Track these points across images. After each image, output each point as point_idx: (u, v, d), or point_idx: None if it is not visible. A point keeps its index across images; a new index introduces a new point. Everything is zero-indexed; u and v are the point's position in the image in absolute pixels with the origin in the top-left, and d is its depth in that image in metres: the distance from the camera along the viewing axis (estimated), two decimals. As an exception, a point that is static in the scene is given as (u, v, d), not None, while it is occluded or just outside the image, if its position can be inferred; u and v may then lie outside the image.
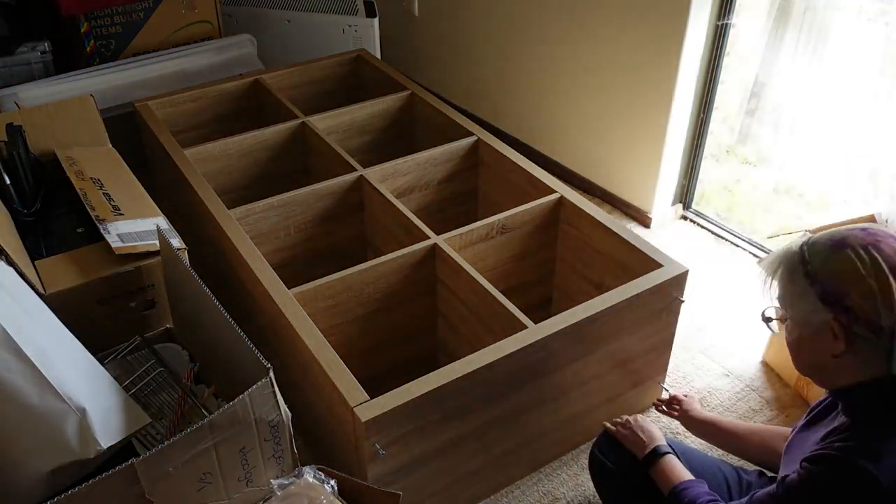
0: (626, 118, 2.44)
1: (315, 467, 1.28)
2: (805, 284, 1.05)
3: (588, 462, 1.51)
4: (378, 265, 1.68)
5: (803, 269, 1.06)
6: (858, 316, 1.01)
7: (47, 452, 1.18)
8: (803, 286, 1.05)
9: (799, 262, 1.07)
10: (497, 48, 2.85)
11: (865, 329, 1.01)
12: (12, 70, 2.42)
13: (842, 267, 1.02)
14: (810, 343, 1.08)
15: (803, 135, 2.55)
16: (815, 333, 1.06)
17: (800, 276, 1.06)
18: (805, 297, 1.05)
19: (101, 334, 1.57)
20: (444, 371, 1.40)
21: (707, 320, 2.13)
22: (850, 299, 1.01)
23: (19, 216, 1.74)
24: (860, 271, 1.01)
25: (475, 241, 1.81)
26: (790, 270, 1.08)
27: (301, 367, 1.54)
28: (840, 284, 1.02)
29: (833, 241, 1.05)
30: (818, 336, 1.06)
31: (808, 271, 1.05)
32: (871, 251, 1.02)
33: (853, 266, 1.02)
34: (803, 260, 1.06)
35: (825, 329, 1.04)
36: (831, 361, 1.06)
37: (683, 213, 2.58)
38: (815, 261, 1.05)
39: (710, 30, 2.22)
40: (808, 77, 2.42)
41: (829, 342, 1.05)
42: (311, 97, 2.59)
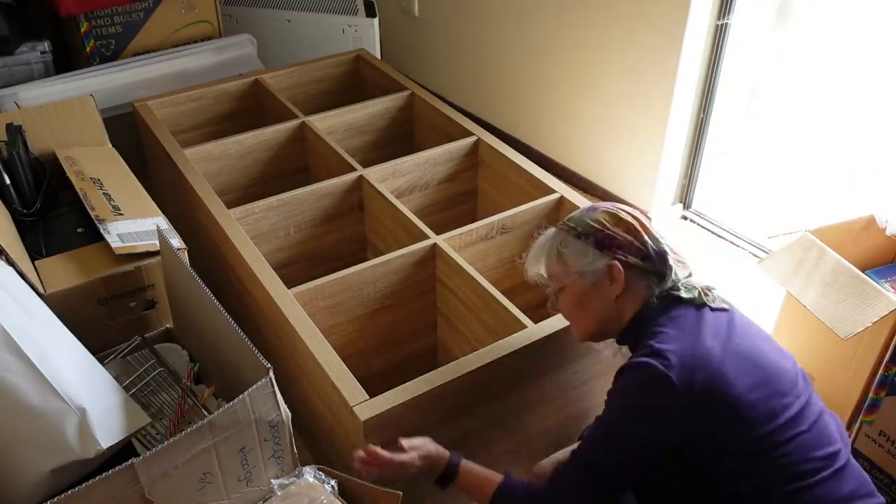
0: (626, 118, 2.44)
1: (315, 467, 1.28)
2: (580, 243, 1.24)
3: None
4: (378, 265, 1.68)
5: (573, 233, 1.26)
6: (630, 248, 1.22)
7: (47, 452, 1.18)
8: (578, 245, 1.24)
9: (566, 232, 1.27)
10: (497, 48, 2.85)
11: (637, 258, 1.22)
12: (12, 70, 2.42)
13: (601, 217, 1.24)
14: (592, 295, 1.25)
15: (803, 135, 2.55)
16: (597, 284, 1.24)
17: (572, 240, 1.25)
18: (582, 252, 1.24)
19: (101, 334, 1.57)
20: (444, 370, 1.40)
21: (707, 320, 2.13)
22: (618, 238, 1.22)
23: (19, 216, 1.74)
24: (617, 216, 1.24)
25: (475, 240, 1.81)
26: (559, 242, 1.27)
27: (300, 366, 1.54)
28: (606, 229, 1.23)
29: (585, 209, 1.28)
30: (599, 284, 1.24)
31: (579, 233, 1.25)
32: (616, 206, 1.27)
33: (609, 215, 1.25)
34: (569, 229, 1.27)
35: (605, 275, 1.23)
36: (613, 307, 1.24)
37: (683, 213, 2.58)
38: (579, 224, 1.26)
39: (710, 29, 2.22)
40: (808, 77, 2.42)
41: (607, 287, 1.23)
42: (311, 97, 2.59)
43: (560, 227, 1.29)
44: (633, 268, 1.22)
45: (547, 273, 1.31)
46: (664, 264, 1.23)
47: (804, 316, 1.78)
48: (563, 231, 1.28)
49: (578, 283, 1.26)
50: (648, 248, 1.22)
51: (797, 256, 1.79)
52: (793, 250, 1.80)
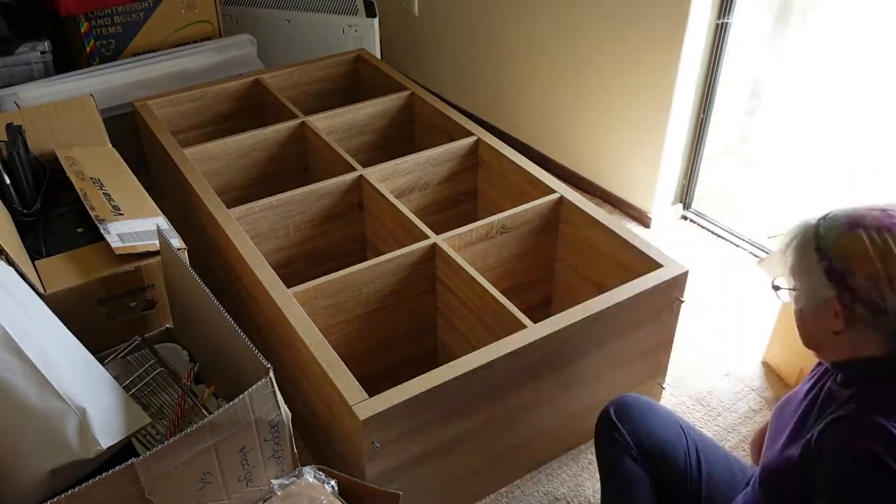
0: (626, 118, 2.44)
1: (315, 467, 1.28)
2: (815, 259, 1.06)
3: (597, 420, 1.42)
4: (377, 265, 1.69)
5: (815, 243, 1.07)
6: (861, 297, 1.02)
7: (47, 452, 1.18)
8: (813, 260, 1.07)
9: (812, 236, 1.08)
10: (497, 48, 2.85)
11: (866, 310, 1.02)
12: (12, 70, 2.42)
13: (852, 246, 1.03)
14: (812, 317, 1.10)
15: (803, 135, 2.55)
16: (818, 308, 1.08)
17: (811, 250, 1.07)
18: (813, 271, 1.07)
19: (101, 334, 1.57)
20: (444, 370, 1.40)
21: (707, 320, 2.13)
22: (854, 280, 1.02)
23: (19, 216, 1.74)
24: (869, 253, 1.01)
25: (475, 240, 1.81)
26: (803, 243, 1.09)
27: (300, 366, 1.54)
28: (847, 264, 1.03)
29: (849, 220, 1.05)
30: (821, 311, 1.08)
31: (820, 246, 1.06)
32: (883, 234, 1.02)
33: (863, 247, 1.02)
34: (817, 234, 1.07)
35: (828, 306, 1.06)
36: (831, 337, 1.08)
37: (683, 213, 2.58)
38: (827, 237, 1.06)
39: (710, 29, 2.22)
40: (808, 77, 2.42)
41: (830, 319, 1.06)
42: (311, 97, 2.60)
43: (815, 225, 1.10)
44: (858, 315, 1.04)
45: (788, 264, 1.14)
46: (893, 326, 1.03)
47: None
48: (810, 235, 1.09)
49: (801, 296, 1.11)
50: (884, 306, 1.01)
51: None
52: (793, 250, 1.80)
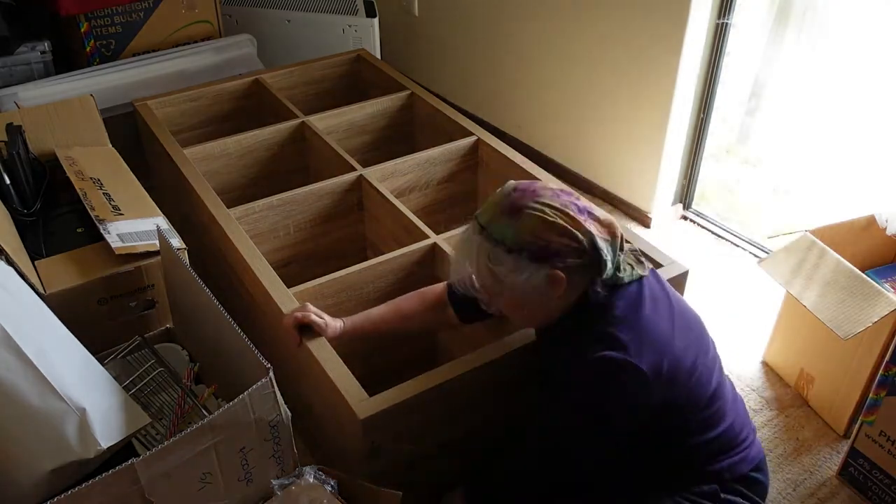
0: (626, 118, 2.44)
1: (315, 467, 1.28)
2: (512, 259, 1.15)
3: None
4: (378, 264, 1.68)
5: (503, 248, 1.15)
6: (566, 253, 1.15)
7: (47, 452, 1.18)
8: (512, 260, 1.15)
9: (493, 246, 1.16)
10: (497, 48, 2.85)
11: (575, 258, 1.15)
12: (12, 70, 2.42)
13: (532, 225, 1.14)
14: (534, 300, 1.20)
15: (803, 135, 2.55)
16: (541, 290, 1.17)
17: (501, 254, 1.16)
18: (518, 267, 1.15)
19: (101, 334, 1.57)
20: (444, 369, 1.40)
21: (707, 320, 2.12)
22: (553, 244, 1.14)
23: (19, 216, 1.74)
24: (546, 219, 1.14)
25: (475, 240, 1.81)
26: (491, 255, 1.17)
27: (300, 366, 1.54)
28: (539, 237, 1.14)
29: (506, 212, 1.16)
30: (544, 291, 1.17)
31: (509, 248, 1.15)
32: (539, 201, 1.15)
33: (538, 219, 1.14)
34: (494, 240, 1.16)
35: (548, 282, 1.16)
36: (555, 304, 1.20)
37: (683, 213, 2.58)
38: (506, 235, 1.15)
39: (710, 29, 2.22)
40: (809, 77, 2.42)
41: (552, 290, 1.17)
42: (311, 97, 2.59)
43: (484, 237, 1.18)
44: (573, 268, 1.16)
45: (479, 284, 1.24)
46: (598, 253, 1.16)
47: (804, 316, 1.78)
48: (487, 242, 1.17)
49: (515, 293, 1.20)
50: (584, 244, 1.15)
51: (797, 256, 1.80)
52: (793, 250, 1.80)
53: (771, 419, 1.87)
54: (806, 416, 1.89)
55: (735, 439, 1.29)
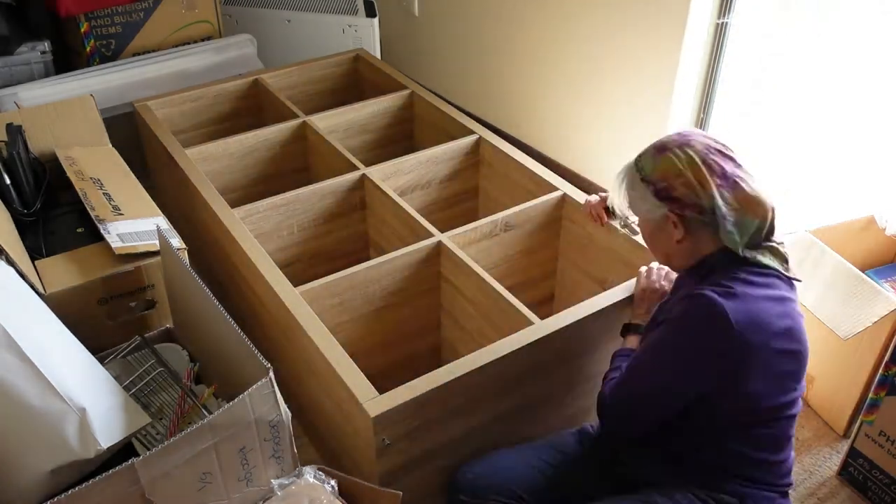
0: (626, 118, 2.44)
1: (315, 467, 1.28)
2: (643, 188, 1.27)
3: None
4: (384, 263, 1.69)
5: (639, 175, 1.28)
6: (686, 203, 1.22)
7: (47, 452, 1.18)
8: (642, 189, 1.27)
9: (635, 171, 1.29)
10: (497, 48, 2.85)
11: (694, 212, 1.22)
12: (12, 70, 2.42)
13: (664, 166, 1.25)
14: (658, 235, 1.29)
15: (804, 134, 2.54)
16: (659, 226, 1.28)
17: (637, 182, 1.28)
18: (644, 198, 1.27)
19: (101, 334, 1.57)
20: (453, 366, 1.41)
21: (707, 320, 2.13)
22: (675, 191, 1.23)
23: (19, 216, 1.74)
24: (678, 166, 1.23)
25: (479, 238, 1.81)
26: (630, 179, 1.30)
27: (308, 364, 1.54)
28: (666, 180, 1.24)
29: (655, 149, 1.28)
30: (662, 228, 1.27)
31: (643, 177, 1.27)
32: (685, 149, 1.24)
33: (672, 164, 1.24)
34: (638, 167, 1.29)
35: (666, 221, 1.26)
36: (677, 247, 1.27)
37: (684, 213, 2.58)
38: (645, 167, 1.28)
39: (711, 29, 2.22)
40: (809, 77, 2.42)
41: (671, 231, 1.26)
42: (311, 97, 2.60)
43: (633, 163, 1.31)
44: (690, 220, 1.24)
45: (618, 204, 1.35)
46: (717, 218, 1.21)
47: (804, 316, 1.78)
48: (633, 170, 1.30)
49: (643, 222, 1.32)
50: (702, 203, 1.21)
51: (797, 256, 1.80)
52: (793, 250, 1.80)
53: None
54: (806, 416, 1.88)
55: (781, 479, 1.29)
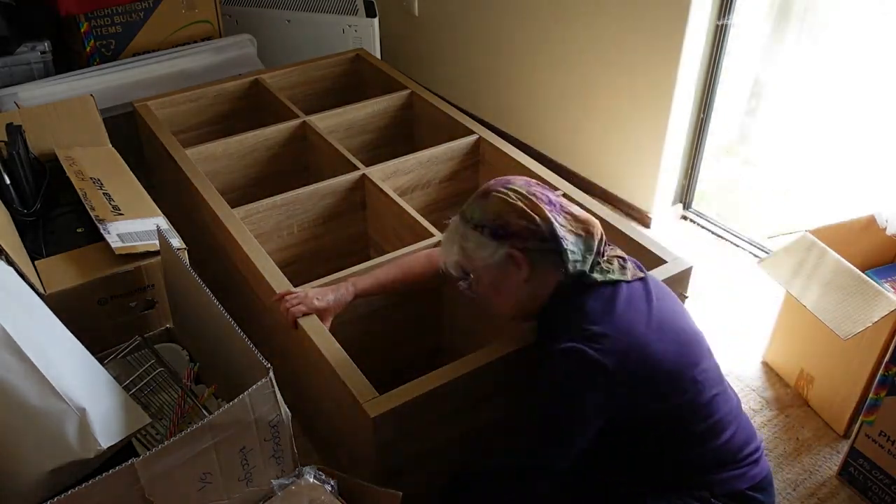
0: (626, 118, 2.44)
1: (315, 467, 1.28)
2: (476, 235, 1.25)
3: None
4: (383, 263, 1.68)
5: (470, 225, 1.26)
6: (525, 234, 1.22)
7: (47, 452, 1.18)
8: (476, 237, 1.25)
9: (462, 223, 1.28)
10: (497, 48, 2.85)
11: (535, 241, 1.22)
12: (12, 70, 2.42)
13: (494, 206, 1.24)
14: (503, 283, 1.27)
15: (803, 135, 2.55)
16: (503, 271, 1.25)
17: (469, 231, 1.26)
18: (481, 244, 1.25)
19: (101, 334, 1.57)
20: (454, 366, 1.41)
21: (707, 320, 2.13)
22: (512, 225, 1.22)
23: (19, 216, 1.74)
24: (508, 201, 1.23)
25: (478, 238, 1.81)
26: (461, 233, 1.28)
27: (308, 365, 1.54)
28: (500, 217, 1.23)
29: (477, 196, 1.28)
30: (506, 272, 1.25)
31: (473, 225, 1.26)
32: (507, 186, 1.25)
33: (502, 201, 1.24)
34: (466, 219, 1.27)
35: (508, 262, 1.24)
36: (525, 289, 1.26)
37: (683, 213, 2.58)
38: (475, 214, 1.26)
39: (710, 29, 2.22)
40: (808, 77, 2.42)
41: (515, 271, 1.25)
42: (311, 97, 2.60)
43: (460, 217, 1.30)
44: (533, 251, 1.23)
45: (455, 263, 1.32)
46: (558, 242, 1.22)
47: (804, 316, 1.78)
48: (462, 223, 1.29)
49: (486, 271, 1.28)
50: (542, 229, 1.22)
51: (797, 256, 1.80)
52: (793, 250, 1.80)
53: (771, 419, 1.87)
54: (806, 416, 1.89)
55: (735, 455, 1.27)
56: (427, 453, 1.45)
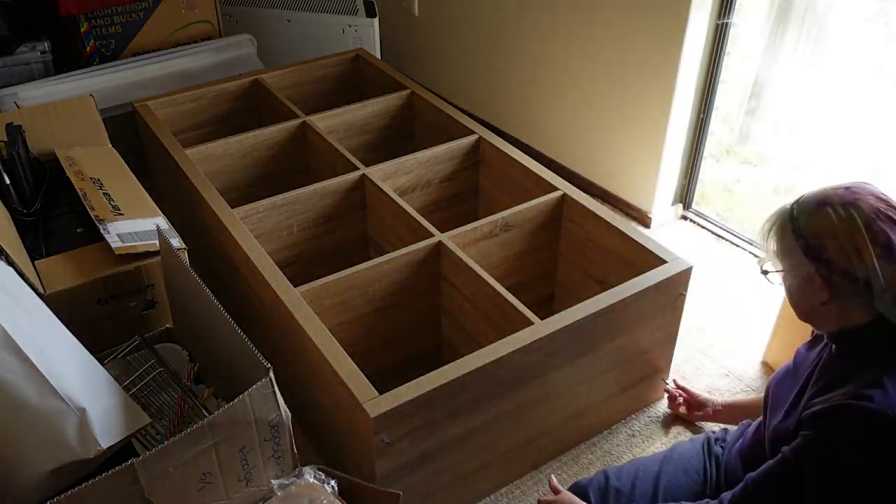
0: (626, 118, 2.44)
1: (315, 467, 1.28)
2: (792, 240, 1.14)
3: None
4: (383, 263, 1.69)
5: (791, 226, 1.15)
6: (836, 268, 1.10)
7: (47, 452, 1.18)
8: (791, 241, 1.15)
9: (788, 219, 1.16)
10: (497, 48, 2.85)
11: (843, 279, 1.10)
12: (12, 70, 2.42)
13: (821, 223, 1.12)
14: (800, 292, 1.17)
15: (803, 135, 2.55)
16: (804, 283, 1.15)
17: (789, 232, 1.15)
18: (793, 251, 1.15)
19: (101, 334, 1.57)
20: (454, 366, 1.41)
21: (707, 320, 2.13)
22: (828, 253, 1.10)
23: (19, 216, 1.74)
24: (837, 228, 1.10)
25: (479, 238, 1.81)
26: (782, 227, 1.17)
27: (308, 364, 1.54)
28: (820, 239, 1.11)
29: (817, 200, 1.14)
30: (806, 285, 1.15)
31: (795, 228, 1.14)
32: (849, 209, 1.10)
33: (831, 223, 1.10)
34: (792, 217, 1.16)
35: (811, 280, 1.13)
36: (820, 308, 1.15)
37: (683, 213, 2.57)
38: (801, 218, 1.14)
39: (711, 29, 2.22)
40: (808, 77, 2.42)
41: (815, 291, 1.14)
42: (311, 97, 2.59)
43: (790, 209, 1.17)
44: (838, 286, 1.11)
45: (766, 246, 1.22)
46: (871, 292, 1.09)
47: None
48: (786, 218, 1.17)
49: (787, 275, 1.19)
50: (857, 274, 1.08)
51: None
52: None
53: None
54: (806, 416, 1.88)
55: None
56: (427, 453, 1.45)
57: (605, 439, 1.78)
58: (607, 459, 1.74)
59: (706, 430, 1.80)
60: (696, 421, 1.81)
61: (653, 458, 1.46)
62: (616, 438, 1.79)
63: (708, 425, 1.82)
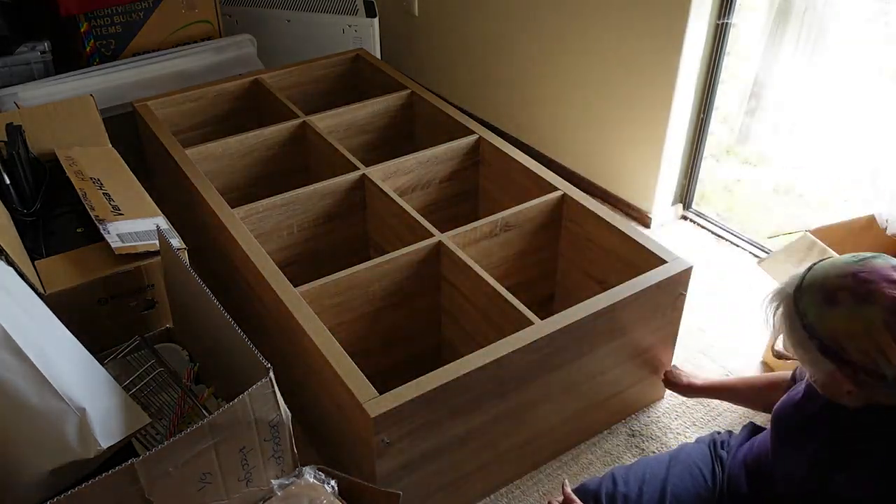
0: (626, 118, 2.44)
1: (315, 467, 1.28)
2: (804, 336, 1.05)
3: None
4: (384, 263, 1.69)
5: (800, 321, 1.06)
6: (860, 367, 1.01)
7: (47, 452, 1.18)
8: (803, 336, 1.06)
9: (794, 312, 1.07)
10: (497, 48, 2.85)
11: (869, 377, 1.02)
12: (12, 70, 2.42)
13: (836, 325, 1.02)
14: (823, 381, 1.10)
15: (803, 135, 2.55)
16: (826, 378, 1.08)
17: (798, 327, 1.06)
18: (806, 347, 1.06)
19: (101, 334, 1.57)
20: (454, 366, 1.41)
21: (707, 320, 2.13)
22: (848, 354, 1.02)
23: (19, 216, 1.74)
24: (854, 330, 1.01)
25: (479, 238, 1.81)
26: (789, 318, 1.08)
27: (308, 364, 1.54)
28: (838, 342, 1.02)
29: (824, 294, 1.04)
30: (829, 379, 1.07)
31: (805, 324, 1.05)
32: (864, 308, 1.01)
33: (846, 324, 1.01)
34: (799, 311, 1.06)
35: (833, 374, 1.05)
36: (847, 396, 1.08)
37: (683, 213, 2.57)
38: (809, 315, 1.05)
39: (711, 29, 2.22)
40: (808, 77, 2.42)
41: (839, 384, 1.06)
42: (311, 97, 2.59)
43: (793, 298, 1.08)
44: (863, 382, 1.03)
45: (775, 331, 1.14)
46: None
47: None
48: (791, 309, 1.07)
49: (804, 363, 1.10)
50: (885, 373, 1.00)
51: (797, 256, 1.79)
52: (793, 250, 1.80)
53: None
54: (806, 416, 1.88)
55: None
56: (427, 453, 1.45)
57: (605, 439, 1.78)
58: (607, 459, 1.74)
59: (710, 430, 1.80)
60: None
61: (660, 459, 1.45)
62: (616, 438, 1.79)
63: (711, 425, 1.82)
